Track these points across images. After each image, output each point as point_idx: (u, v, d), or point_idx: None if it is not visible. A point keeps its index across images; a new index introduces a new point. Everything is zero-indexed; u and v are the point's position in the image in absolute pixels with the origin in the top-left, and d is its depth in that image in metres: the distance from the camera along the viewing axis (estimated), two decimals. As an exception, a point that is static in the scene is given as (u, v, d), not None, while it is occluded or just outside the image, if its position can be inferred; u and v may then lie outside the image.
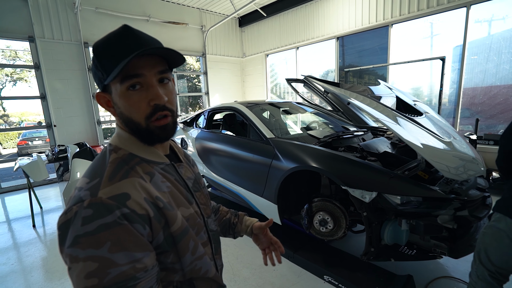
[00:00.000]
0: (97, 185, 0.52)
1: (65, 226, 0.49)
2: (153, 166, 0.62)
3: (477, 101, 4.65)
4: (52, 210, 3.99)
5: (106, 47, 0.57)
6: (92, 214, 0.48)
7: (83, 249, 0.46)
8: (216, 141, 3.16)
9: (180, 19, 6.92)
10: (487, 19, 4.37)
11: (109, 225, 0.48)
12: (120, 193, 0.52)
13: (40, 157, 3.74)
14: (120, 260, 0.47)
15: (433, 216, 1.61)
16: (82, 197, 0.50)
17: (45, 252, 2.79)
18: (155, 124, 0.59)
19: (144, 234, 0.52)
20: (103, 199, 0.50)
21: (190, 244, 0.62)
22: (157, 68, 0.59)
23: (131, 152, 0.61)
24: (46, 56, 5.12)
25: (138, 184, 0.55)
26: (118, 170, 0.56)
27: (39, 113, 18.91)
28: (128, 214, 0.50)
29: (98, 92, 0.62)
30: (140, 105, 0.58)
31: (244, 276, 2.21)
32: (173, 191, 0.63)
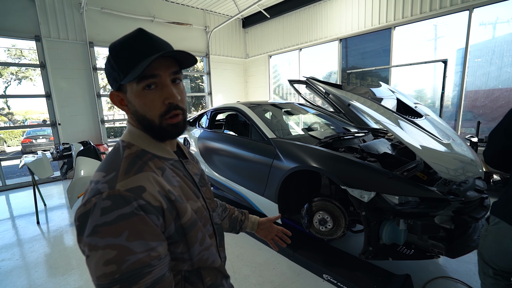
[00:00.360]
0: (114, 178, 0.56)
1: (84, 217, 0.52)
2: (163, 161, 0.66)
3: (479, 103, 4.66)
4: (56, 207, 4.05)
5: (124, 48, 0.60)
6: (111, 205, 0.51)
7: (102, 237, 0.50)
8: (218, 141, 3.19)
9: (184, 19, 6.98)
10: (491, 22, 4.38)
11: (127, 216, 0.51)
12: (136, 186, 0.55)
13: (45, 154, 3.80)
14: (137, 248, 0.51)
15: (431, 216, 1.63)
16: (101, 189, 0.54)
17: (48, 249, 2.84)
18: (167, 122, 0.63)
19: (158, 224, 0.56)
20: (121, 191, 0.53)
21: (199, 235, 0.66)
22: (171, 69, 0.63)
23: (143, 148, 0.65)
24: (52, 55, 5.20)
25: (152, 178, 0.59)
26: (133, 165, 0.60)
27: (43, 111, 19.10)
28: (144, 205, 0.54)
29: (113, 91, 0.65)
30: (155, 104, 0.62)
31: (244, 274, 2.24)
32: (183, 185, 0.67)
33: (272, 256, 2.48)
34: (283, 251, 2.48)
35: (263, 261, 2.41)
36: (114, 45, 0.61)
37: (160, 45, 0.62)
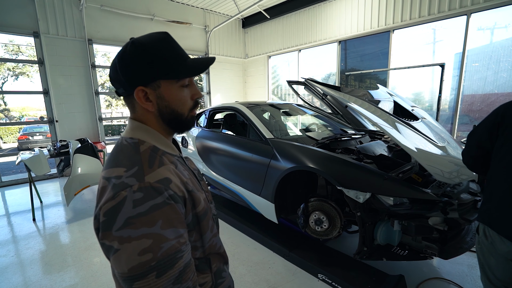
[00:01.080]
0: (140, 172, 0.58)
1: (113, 211, 0.52)
2: (172, 157, 0.70)
3: (475, 108, 4.71)
4: (52, 204, 4.04)
5: (165, 48, 0.65)
6: (143, 196, 0.53)
7: (136, 228, 0.51)
8: (216, 140, 3.21)
9: (184, 18, 6.98)
10: (489, 27, 4.43)
11: (160, 205, 0.54)
12: (164, 177, 0.59)
13: (42, 151, 3.79)
14: (170, 235, 0.54)
15: (425, 218, 1.66)
16: (128, 182, 0.55)
17: (44, 246, 2.84)
18: (192, 114, 0.72)
19: (183, 213, 0.60)
20: (152, 183, 0.56)
21: (210, 223, 0.71)
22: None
23: (153, 144, 0.67)
24: (50, 52, 5.18)
25: (172, 170, 0.63)
26: (153, 159, 0.62)
27: (40, 108, 18.96)
28: (173, 195, 0.57)
29: (141, 87, 0.64)
30: (187, 99, 0.70)
31: (240, 273, 2.26)
32: (191, 178, 0.71)
33: (268, 255, 2.50)
34: (279, 251, 2.49)
35: (259, 260, 2.43)
36: (145, 43, 0.63)
37: (185, 52, 0.71)
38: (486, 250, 1.21)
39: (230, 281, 0.83)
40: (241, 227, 2.96)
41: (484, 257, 1.23)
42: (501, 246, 1.13)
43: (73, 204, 3.93)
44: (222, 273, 0.77)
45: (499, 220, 1.13)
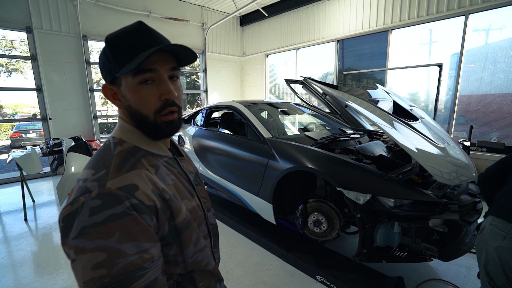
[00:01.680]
0: (105, 176, 0.53)
1: (70, 217, 0.49)
2: (157, 159, 0.64)
3: (472, 108, 4.73)
4: (44, 204, 3.95)
5: (122, 39, 0.58)
6: (101, 204, 0.48)
7: (91, 239, 0.46)
8: (213, 139, 3.16)
9: (181, 15, 6.89)
10: (485, 28, 4.44)
11: (119, 216, 0.48)
12: (129, 184, 0.52)
13: (34, 150, 3.70)
14: (129, 250, 0.48)
15: (425, 220, 1.63)
16: (90, 187, 0.51)
17: (36, 247, 2.77)
18: (162, 119, 0.61)
19: (151, 225, 0.53)
20: (112, 189, 0.50)
21: (193, 236, 0.63)
22: (169, 64, 0.61)
23: (136, 145, 0.62)
24: (44, 47, 5.06)
25: (145, 175, 0.56)
26: (125, 162, 0.57)
27: (34, 105, 18.66)
28: (137, 204, 0.51)
29: (106, 84, 0.62)
30: (151, 99, 0.59)
31: (237, 275, 2.22)
32: (177, 184, 0.64)
33: (265, 257, 2.46)
34: (276, 252, 2.46)
35: (256, 262, 2.39)
36: (112, 36, 0.59)
37: (160, 39, 0.61)
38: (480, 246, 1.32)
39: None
40: (238, 227, 2.93)
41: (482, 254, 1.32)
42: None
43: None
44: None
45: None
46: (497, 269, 1.26)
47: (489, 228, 1.29)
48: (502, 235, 1.24)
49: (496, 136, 4.57)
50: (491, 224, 1.28)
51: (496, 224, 1.26)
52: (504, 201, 1.29)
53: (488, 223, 1.30)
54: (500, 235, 1.25)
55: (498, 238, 1.25)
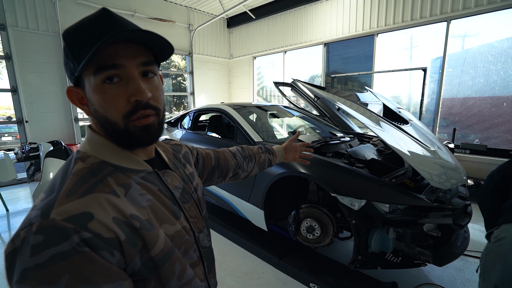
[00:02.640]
0: (51, 203, 0.43)
1: (12, 256, 0.39)
2: (130, 175, 0.53)
3: (454, 111, 4.87)
4: (20, 212, 3.69)
5: (78, 32, 0.48)
6: (43, 241, 0.38)
7: (32, 286, 0.37)
8: (201, 143, 3.06)
9: (167, 16, 6.74)
10: (465, 34, 4.61)
11: (66, 254, 0.38)
12: (79, 212, 0.42)
13: (8, 155, 3.46)
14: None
15: (419, 224, 1.62)
16: (31, 219, 0.41)
17: (9, 259, 2.56)
18: (135, 124, 0.51)
19: (113, 262, 0.43)
20: (56, 221, 0.40)
21: (176, 268, 0.53)
22: (140, 58, 0.51)
23: (103, 159, 0.52)
24: (19, 46, 4.78)
25: (105, 200, 0.46)
26: (81, 184, 0.46)
27: (10, 107, 17.72)
28: (90, 239, 0.41)
29: (70, 87, 0.52)
30: (118, 101, 0.49)
31: (228, 284, 2.13)
32: (155, 205, 0.54)
33: (256, 264, 2.39)
34: (268, 259, 2.39)
35: (247, 270, 2.31)
36: (70, 29, 0.49)
37: (126, 26, 0.49)
38: (493, 255, 1.20)
39: None
40: (228, 234, 2.83)
41: (488, 263, 1.22)
42: None
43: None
44: None
45: None
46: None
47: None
48: None
49: (477, 138, 4.73)
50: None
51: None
52: None
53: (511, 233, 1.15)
54: None
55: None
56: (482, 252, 1.29)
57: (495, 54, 4.34)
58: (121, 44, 0.48)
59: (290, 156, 1.14)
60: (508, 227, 1.18)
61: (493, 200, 1.32)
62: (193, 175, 0.72)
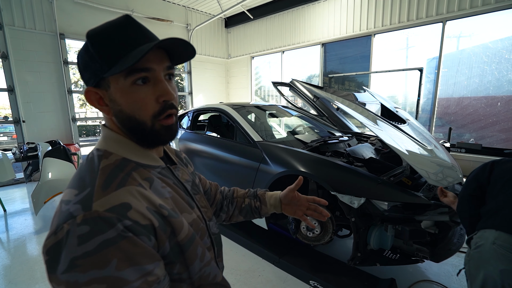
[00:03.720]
0: (89, 196, 0.46)
1: (56, 249, 0.42)
2: (150, 170, 0.57)
3: (450, 111, 4.95)
4: (17, 213, 3.67)
5: (109, 35, 0.51)
6: (90, 230, 0.42)
7: (84, 272, 0.40)
8: (200, 142, 3.07)
9: (165, 16, 6.73)
10: (456, 35, 4.69)
11: (113, 240, 0.42)
12: (119, 203, 0.46)
13: (6, 155, 3.44)
14: (131, 276, 0.43)
15: (417, 222, 1.65)
16: (73, 212, 0.44)
17: (8, 261, 2.55)
18: (161, 123, 0.55)
19: (150, 245, 0.48)
20: (100, 212, 0.44)
21: (198, 251, 0.58)
22: (165, 63, 0.55)
23: (124, 156, 0.55)
24: (16, 45, 4.75)
25: (137, 192, 0.50)
26: (112, 178, 0.50)
27: (5, 106, 17.52)
28: (131, 226, 0.45)
29: (89, 88, 0.54)
30: (147, 102, 0.53)
31: (229, 282, 2.14)
32: (175, 196, 0.59)
33: (257, 263, 2.41)
34: (268, 258, 2.42)
35: (248, 268, 2.34)
36: (96, 31, 0.52)
37: (152, 35, 0.55)
38: (474, 262, 1.22)
39: None
40: (228, 233, 2.85)
41: (471, 269, 1.24)
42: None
43: (43, 212, 3.60)
44: None
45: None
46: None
47: (491, 247, 1.14)
48: (510, 258, 1.09)
49: (472, 137, 4.80)
50: (494, 243, 1.14)
51: (502, 244, 1.12)
52: (506, 214, 1.17)
53: (489, 241, 1.16)
54: (508, 258, 1.09)
55: (505, 260, 1.10)
56: (465, 257, 1.30)
57: (489, 54, 4.41)
58: (152, 50, 0.52)
59: (289, 209, 0.89)
60: (485, 234, 1.20)
61: (470, 207, 1.33)
62: (195, 175, 0.78)
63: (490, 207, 1.25)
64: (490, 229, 1.18)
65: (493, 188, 1.29)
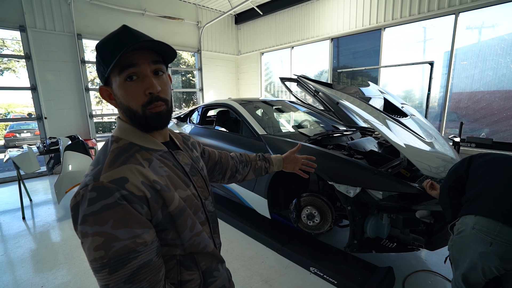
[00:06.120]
0: (99, 171, 0.60)
1: (75, 207, 0.57)
2: (151, 153, 0.70)
3: (462, 105, 4.84)
4: (42, 203, 3.97)
5: (107, 43, 0.65)
6: (96, 196, 0.55)
7: (90, 226, 0.54)
8: (209, 137, 3.21)
9: (176, 14, 6.89)
10: (477, 26, 4.54)
11: (111, 205, 0.55)
12: (119, 177, 0.59)
13: (31, 149, 3.71)
14: (122, 235, 0.55)
15: (412, 211, 1.71)
16: (87, 182, 0.58)
17: (35, 244, 2.80)
18: (151, 111, 0.67)
19: (143, 213, 0.59)
20: (104, 183, 0.57)
21: (188, 222, 0.69)
22: (151, 58, 0.66)
23: (131, 141, 0.69)
24: (38, 46, 5.05)
25: (135, 169, 0.63)
26: (118, 158, 0.63)
27: (28, 104, 18.43)
28: (127, 195, 0.57)
29: (101, 86, 0.70)
30: (137, 94, 0.65)
31: (233, 268, 2.29)
32: (171, 175, 0.70)
33: (261, 250, 2.53)
34: (271, 245, 2.53)
35: (252, 255, 2.46)
36: (100, 42, 0.66)
37: (141, 38, 0.66)
38: (456, 247, 1.31)
39: (225, 280, 0.82)
40: (235, 222, 2.99)
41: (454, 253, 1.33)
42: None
43: (64, 201, 3.87)
44: (213, 272, 0.77)
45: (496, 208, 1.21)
46: (477, 272, 1.23)
47: (471, 232, 1.21)
48: (488, 240, 1.16)
49: (485, 132, 4.69)
50: (473, 228, 1.21)
51: (480, 228, 1.18)
52: (483, 200, 1.24)
53: (469, 226, 1.23)
54: (486, 241, 1.17)
55: (484, 244, 1.17)
56: (449, 243, 1.38)
57: (504, 47, 4.28)
58: (137, 51, 0.64)
59: (289, 166, 1.19)
60: (466, 220, 1.27)
61: (450, 197, 1.41)
62: (199, 159, 0.90)
63: (469, 195, 1.32)
64: (470, 215, 1.25)
65: (472, 179, 1.37)
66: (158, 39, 0.64)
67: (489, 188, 1.26)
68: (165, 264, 0.67)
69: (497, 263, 1.16)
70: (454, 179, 1.43)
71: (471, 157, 1.45)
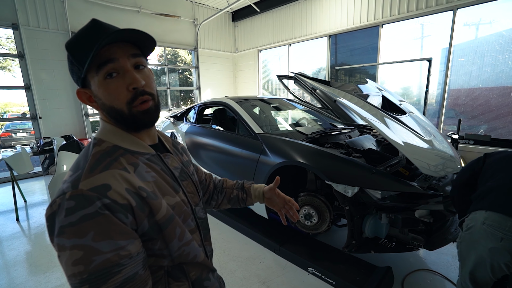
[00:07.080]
0: (78, 177, 0.54)
1: (51, 218, 0.52)
2: (137, 157, 0.64)
3: (460, 102, 4.82)
4: (37, 203, 3.92)
5: (78, 41, 0.59)
6: (74, 205, 0.50)
7: (68, 238, 0.49)
8: (205, 135, 3.17)
9: (172, 11, 6.81)
10: (475, 23, 4.51)
11: (91, 215, 0.50)
12: (101, 184, 0.53)
13: (25, 149, 3.65)
14: (104, 248, 0.50)
15: (411, 210, 1.69)
16: (64, 189, 0.53)
17: (29, 246, 2.75)
18: (137, 109, 0.62)
19: (127, 222, 0.54)
20: (84, 190, 0.52)
21: (177, 231, 0.64)
22: (129, 51, 0.61)
23: (115, 144, 0.63)
24: (31, 45, 4.96)
25: (118, 175, 0.57)
26: (99, 162, 0.58)
27: (24, 104, 18.26)
28: (109, 204, 0.52)
29: (79, 89, 0.63)
30: (120, 91, 0.60)
31: (230, 269, 2.26)
32: (158, 181, 0.65)
33: (258, 251, 2.50)
34: (269, 246, 2.50)
35: (249, 255, 2.43)
36: (70, 41, 0.60)
37: (114, 29, 0.60)
38: (466, 243, 1.29)
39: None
40: (232, 222, 2.96)
41: (462, 250, 1.32)
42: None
43: (59, 202, 3.82)
44: (203, 282, 0.72)
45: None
46: (485, 269, 1.20)
47: (481, 227, 1.19)
48: (498, 236, 1.14)
49: (483, 129, 4.68)
50: (484, 223, 1.19)
51: (491, 224, 1.17)
52: (494, 196, 1.22)
53: (479, 221, 1.21)
54: (497, 236, 1.15)
55: (494, 239, 1.16)
56: (457, 240, 1.37)
57: (502, 43, 4.25)
58: (113, 44, 0.58)
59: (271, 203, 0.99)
60: (476, 215, 1.26)
61: (463, 193, 1.42)
62: (189, 163, 0.84)
63: (480, 191, 1.32)
64: (480, 210, 1.24)
65: (484, 176, 1.37)
66: (154, 37, 0.60)
67: (501, 185, 1.26)
68: (152, 276, 0.62)
69: (508, 259, 1.15)
70: (469, 175, 1.43)
71: (486, 155, 1.46)
